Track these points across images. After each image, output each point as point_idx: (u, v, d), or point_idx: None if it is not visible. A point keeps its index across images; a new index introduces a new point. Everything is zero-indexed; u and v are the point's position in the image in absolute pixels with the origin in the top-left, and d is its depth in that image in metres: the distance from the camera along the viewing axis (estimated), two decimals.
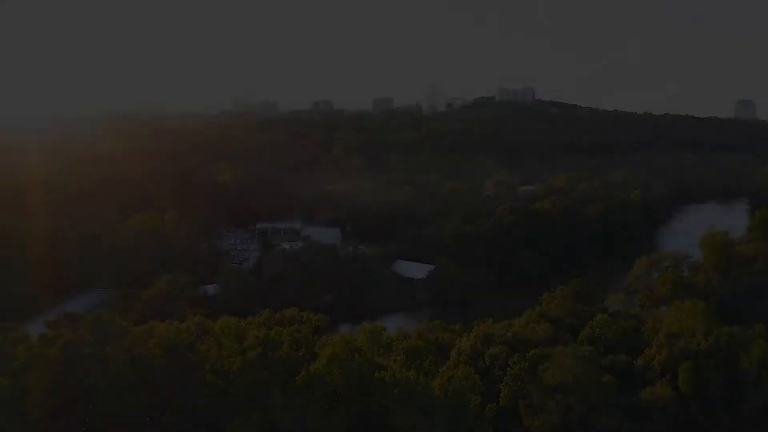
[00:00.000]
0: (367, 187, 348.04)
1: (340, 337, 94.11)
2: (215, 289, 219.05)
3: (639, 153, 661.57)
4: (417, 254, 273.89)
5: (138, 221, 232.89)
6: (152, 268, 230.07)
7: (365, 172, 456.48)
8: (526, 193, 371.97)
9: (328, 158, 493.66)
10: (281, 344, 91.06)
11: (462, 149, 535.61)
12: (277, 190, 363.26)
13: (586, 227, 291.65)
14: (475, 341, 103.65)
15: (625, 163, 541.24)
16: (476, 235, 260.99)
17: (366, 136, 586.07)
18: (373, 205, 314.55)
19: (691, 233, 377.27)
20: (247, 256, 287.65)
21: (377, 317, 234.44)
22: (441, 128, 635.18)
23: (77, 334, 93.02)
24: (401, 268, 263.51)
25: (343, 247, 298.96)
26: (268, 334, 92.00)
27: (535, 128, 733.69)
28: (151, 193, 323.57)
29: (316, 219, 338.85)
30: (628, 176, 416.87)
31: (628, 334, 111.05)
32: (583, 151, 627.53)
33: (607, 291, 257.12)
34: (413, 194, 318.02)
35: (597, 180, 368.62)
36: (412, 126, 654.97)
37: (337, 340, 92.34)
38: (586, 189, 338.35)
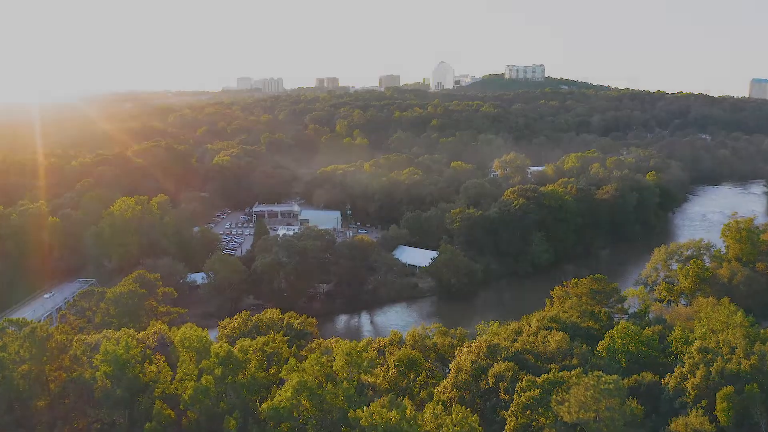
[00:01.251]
0: (370, 168, 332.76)
1: (314, 359, 79.06)
2: (204, 278, 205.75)
3: (652, 132, 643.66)
4: (420, 239, 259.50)
5: (123, 206, 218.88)
6: (138, 255, 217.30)
7: (368, 152, 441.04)
8: (536, 174, 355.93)
9: (331, 137, 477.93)
10: (246, 364, 77.25)
11: (469, 127, 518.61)
12: (276, 170, 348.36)
13: (599, 211, 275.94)
14: (477, 354, 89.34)
15: (638, 143, 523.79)
16: (482, 219, 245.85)
17: (370, 114, 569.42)
18: (374, 187, 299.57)
19: (707, 217, 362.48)
20: (242, 241, 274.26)
21: (377, 308, 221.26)
22: (448, 106, 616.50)
23: (12, 349, 79.31)
24: (403, 254, 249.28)
25: (342, 232, 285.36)
26: (231, 353, 78.11)
27: (544, 106, 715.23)
28: (143, 174, 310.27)
29: (315, 201, 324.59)
30: (643, 157, 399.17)
31: (653, 345, 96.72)
32: (594, 129, 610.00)
33: (623, 280, 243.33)
34: (417, 175, 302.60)
35: (610, 161, 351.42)
36: (418, 103, 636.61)
37: (308, 364, 77.28)
38: (599, 171, 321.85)
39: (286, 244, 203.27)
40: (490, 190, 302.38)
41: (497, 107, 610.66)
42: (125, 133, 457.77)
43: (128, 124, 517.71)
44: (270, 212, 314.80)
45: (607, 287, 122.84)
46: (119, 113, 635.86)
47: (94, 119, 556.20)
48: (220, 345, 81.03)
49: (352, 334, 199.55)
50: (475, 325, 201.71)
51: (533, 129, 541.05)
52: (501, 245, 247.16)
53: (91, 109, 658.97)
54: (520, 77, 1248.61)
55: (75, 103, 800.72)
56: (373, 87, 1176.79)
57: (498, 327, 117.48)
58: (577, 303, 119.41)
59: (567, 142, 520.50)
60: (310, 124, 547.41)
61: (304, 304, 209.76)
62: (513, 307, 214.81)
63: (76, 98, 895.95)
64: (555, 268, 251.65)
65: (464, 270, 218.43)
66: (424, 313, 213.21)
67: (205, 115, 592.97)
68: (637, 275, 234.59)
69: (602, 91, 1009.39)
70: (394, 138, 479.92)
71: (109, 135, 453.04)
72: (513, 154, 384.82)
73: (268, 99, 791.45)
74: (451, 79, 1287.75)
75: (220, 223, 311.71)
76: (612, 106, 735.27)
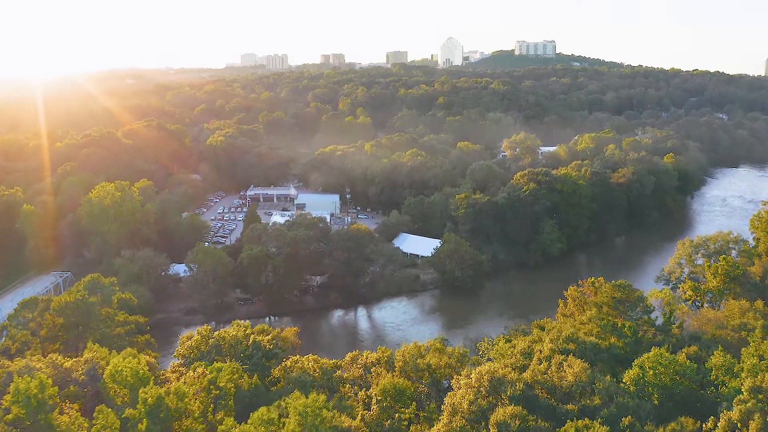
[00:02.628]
0: (371, 149, 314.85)
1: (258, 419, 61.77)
2: (186, 271, 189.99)
3: (667, 111, 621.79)
4: (423, 226, 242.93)
5: (102, 192, 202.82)
6: (118, 246, 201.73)
7: (371, 131, 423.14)
8: (548, 155, 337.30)
9: (332, 115, 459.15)
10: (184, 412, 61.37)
11: (477, 105, 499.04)
12: (273, 151, 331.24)
13: (615, 196, 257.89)
14: (477, 391, 73.04)
15: (653, 122, 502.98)
16: (490, 205, 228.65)
17: (375, 91, 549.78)
18: (375, 170, 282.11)
19: (727, 202, 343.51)
20: (234, 227, 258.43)
21: (375, 302, 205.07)
22: (455, 82, 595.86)
23: None
24: (405, 243, 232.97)
25: (340, 218, 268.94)
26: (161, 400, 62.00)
27: (556, 83, 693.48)
28: (132, 156, 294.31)
29: (313, 184, 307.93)
30: (660, 138, 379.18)
31: (690, 375, 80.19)
32: (607, 108, 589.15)
33: (642, 272, 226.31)
34: (420, 157, 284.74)
35: (627, 142, 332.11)
36: (424, 80, 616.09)
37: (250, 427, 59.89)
38: (614, 152, 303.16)
39: (275, 234, 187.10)
40: (498, 172, 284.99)
41: (507, 84, 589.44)
42: (120, 112, 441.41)
43: (126, 101, 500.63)
44: (265, 196, 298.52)
45: (631, 295, 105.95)
46: (119, 90, 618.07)
47: (92, 96, 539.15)
48: (150, 388, 64.73)
49: (347, 331, 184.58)
50: (480, 322, 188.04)
51: (544, 107, 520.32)
52: (509, 233, 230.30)
53: (91, 86, 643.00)
54: (531, 53, 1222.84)
55: (76, 79, 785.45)
56: (380, 63, 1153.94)
57: (504, 344, 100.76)
58: (597, 315, 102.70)
59: (579, 121, 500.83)
60: (312, 101, 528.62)
61: (295, 298, 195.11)
62: (522, 302, 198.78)
63: (78, 74, 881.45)
64: (567, 258, 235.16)
65: (469, 261, 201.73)
66: (426, 308, 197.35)
67: (204, 93, 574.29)
68: (659, 270, 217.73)
69: (615, 68, 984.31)
70: (399, 117, 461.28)
71: (103, 113, 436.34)
72: (523, 133, 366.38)
73: (271, 76, 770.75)
74: (460, 56, 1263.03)
75: (213, 207, 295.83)
76: (625, 84, 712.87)
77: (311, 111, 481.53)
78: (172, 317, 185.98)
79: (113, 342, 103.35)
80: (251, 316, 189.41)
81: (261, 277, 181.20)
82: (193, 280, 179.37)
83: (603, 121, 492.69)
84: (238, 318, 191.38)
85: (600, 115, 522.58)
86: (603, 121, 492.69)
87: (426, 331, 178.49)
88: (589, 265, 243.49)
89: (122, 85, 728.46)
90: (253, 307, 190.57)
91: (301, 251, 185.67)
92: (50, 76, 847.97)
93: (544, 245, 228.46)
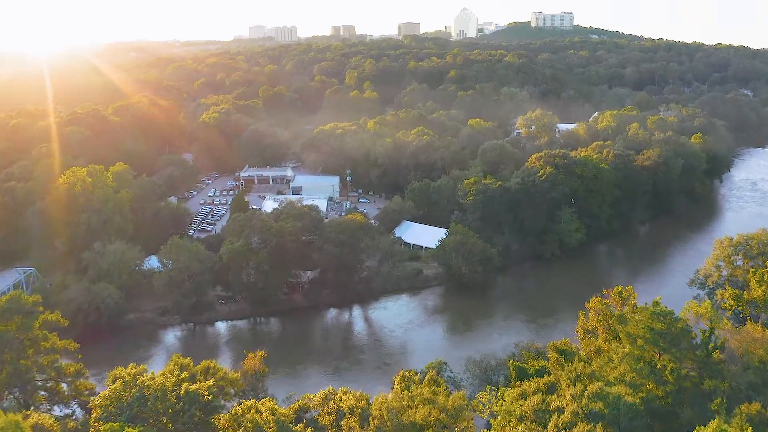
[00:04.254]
0: (374, 127, 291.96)
1: None
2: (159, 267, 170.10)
3: (689, 87, 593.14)
4: (428, 213, 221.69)
5: (71, 178, 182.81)
6: (88, 238, 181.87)
7: (378, 106, 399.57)
8: (566, 134, 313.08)
9: (337, 89, 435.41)
10: None
11: (491, 79, 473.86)
12: (271, 128, 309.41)
13: (639, 180, 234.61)
14: None
15: (676, 98, 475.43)
16: (502, 192, 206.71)
17: (383, 64, 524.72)
18: (378, 150, 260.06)
19: (757, 186, 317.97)
20: (224, 213, 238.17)
21: (372, 300, 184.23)
22: (468, 55, 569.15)
23: None
24: (408, 232, 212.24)
25: (338, 203, 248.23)
26: None
27: (573, 56, 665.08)
28: (117, 136, 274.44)
29: (312, 165, 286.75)
30: (686, 116, 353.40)
31: None
32: (627, 82, 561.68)
33: (669, 268, 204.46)
34: (426, 136, 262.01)
35: (652, 120, 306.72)
36: (436, 53, 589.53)
37: None
38: (638, 132, 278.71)
39: (259, 225, 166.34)
40: (512, 153, 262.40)
41: (522, 57, 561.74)
42: (116, 86, 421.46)
43: (124, 75, 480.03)
44: (260, 177, 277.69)
45: (673, 326, 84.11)
46: (121, 64, 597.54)
47: (89, 71, 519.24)
48: None
49: (340, 334, 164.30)
50: (488, 328, 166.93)
51: (561, 81, 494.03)
52: (523, 222, 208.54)
53: (93, 60, 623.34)
54: (547, 25, 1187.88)
55: (81, 52, 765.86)
56: (392, 35, 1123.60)
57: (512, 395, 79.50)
58: (631, 353, 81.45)
59: (598, 96, 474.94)
60: (318, 75, 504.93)
61: (283, 296, 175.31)
62: (536, 302, 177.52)
63: (82, 48, 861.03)
64: (586, 249, 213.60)
65: (478, 256, 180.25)
66: (429, 308, 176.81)
67: (206, 66, 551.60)
68: (688, 265, 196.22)
69: (635, 41, 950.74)
70: (407, 91, 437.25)
71: (96, 88, 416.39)
72: (539, 110, 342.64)
73: (277, 48, 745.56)
74: (474, 27, 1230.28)
75: (204, 189, 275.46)
76: (646, 58, 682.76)
77: (315, 85, 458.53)
78: (145, 318, 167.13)
79: (28, 378, 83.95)
80: (233, 317, 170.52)
81: (242, 274, 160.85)
82: (166, 277, 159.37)
83: (623, 96, 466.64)
84: (219, 319, 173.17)
85: (620, 91, 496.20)
86: (623, 96, 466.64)
87: (427, 336, 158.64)
88: (610, 258, 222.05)
89: (125, 58, 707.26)
90: (236, 307, 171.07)
91: (288, 245, 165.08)
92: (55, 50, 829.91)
93: (562, 236, 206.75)
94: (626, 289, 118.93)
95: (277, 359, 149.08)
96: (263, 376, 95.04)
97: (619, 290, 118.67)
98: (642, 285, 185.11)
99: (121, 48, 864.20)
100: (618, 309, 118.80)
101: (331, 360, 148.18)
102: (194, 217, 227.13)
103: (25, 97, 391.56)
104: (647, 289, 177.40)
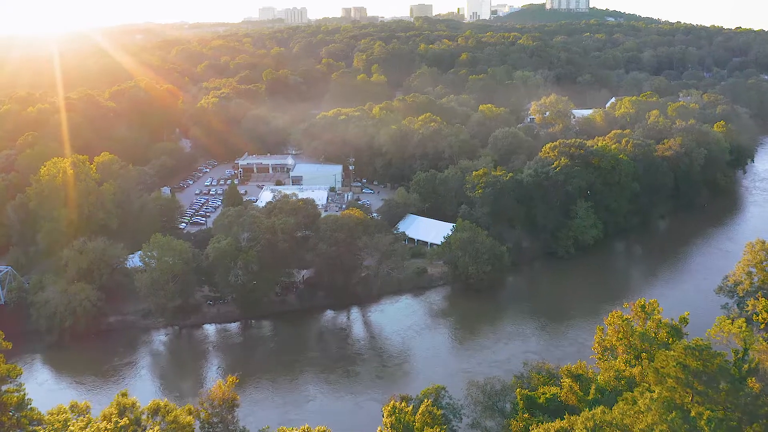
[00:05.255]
0: (380, 113, 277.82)
1: None
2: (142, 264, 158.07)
3: (709, 72, 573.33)
4: (435, 206, 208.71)
5: (53, 170, 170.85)
6: (71, 233, 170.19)
7: (386, 91, 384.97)
8: (582, 120, 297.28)
9: (343, 73, 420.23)
10: None
11: (504, 63, 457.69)
12: (272, 114, 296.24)
13: (659, 172, 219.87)
14: None
15: (696, 84, 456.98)
16: (513, 185, 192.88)
17: (393, 47, 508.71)
18: (383, 138, 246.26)
19: None
20: (219, 204, 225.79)
21: (372, 302, 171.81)
22: (480, 37, 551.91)
23: None
24: (412, 227, 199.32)
25: (340, 194, 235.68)
26: None
27: (589, 39, 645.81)
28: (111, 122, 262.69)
29: (315, 152, 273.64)
30: (707, 103, 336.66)
31: None
32: (645, 67, 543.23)
33: (691, 270, 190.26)
34: (434, 123, 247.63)
35: (673, 107, 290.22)
36: (447, 35, 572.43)
37: None
38: (658, 119, 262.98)
39: (249, 221, 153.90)
40: (524, 141, 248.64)
41: (536, 40, 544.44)
42: (117, 70, 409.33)
43: (129, 58, 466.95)
44: (260, 166, 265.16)
45: (710, 363, 70.37)
46: (127, 46, 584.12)
47: (97, 53, 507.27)
48: None
49: (337, 340, 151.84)
50: (496, 336, 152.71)
51: (577, 65, 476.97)
52: (536, 217, 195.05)
53: (103, 41, 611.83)
54: (563, 7, 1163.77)
55: (89, 34, 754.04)
56: (404, 17, 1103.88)
57: None
58: (660, 397, 68.35)
59: (615, 81, 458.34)
60: (325, 58, 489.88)
61: (276, 297, 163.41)
62: (549, 305, 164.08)
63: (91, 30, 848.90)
64: (603, 246, 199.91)
65: (486, 255, 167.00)
66: (433, 311, 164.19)
67: (211, 48, 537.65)
68: (710, 266, 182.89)
69: (652, 24, 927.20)
70: (416, 75, 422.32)
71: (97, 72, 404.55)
72: (554, 95, 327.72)
73: (285, 30, 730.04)
74: (488, 9, 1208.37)
75: (201, 178, 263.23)
76: (664, 41, 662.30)
77: (322, 68, 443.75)
78: (127, 321, 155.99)
79: None
80: (222, 320, 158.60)
81: (229, 275, 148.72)
82: (147, 278, 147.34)
83: (641, 81, 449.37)
84: (206, 322, 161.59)
85: (638, 75, 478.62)
86: (641, 81, 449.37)
87: (428, 343, 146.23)
88: (627, 257, 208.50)
89: (131, 40, 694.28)
90: (225, 309, 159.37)
91: (280, 243, 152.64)
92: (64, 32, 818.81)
93: (577, 232, 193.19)
94: (650, 302, 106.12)
95: (266, 368, 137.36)
96: (234, 406, 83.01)
97: (642, 303, 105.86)
98: (662, 289, 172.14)
99: (128, 30, 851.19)
100: (640, 324, 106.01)
101: (324, 369, 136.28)
102: (186, 209, 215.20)
103: (34, 80, 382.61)
104: (668, 293, 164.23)
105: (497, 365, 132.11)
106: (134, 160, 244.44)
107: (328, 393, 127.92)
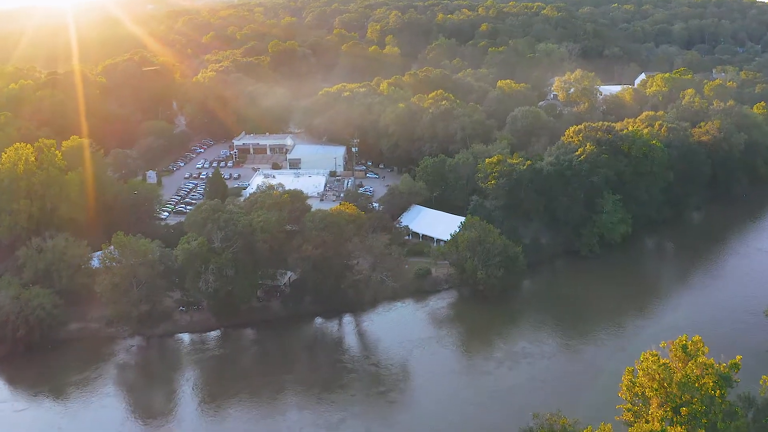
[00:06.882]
0: (388, 89, 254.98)
1: None
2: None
3: (743, 47, 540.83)
4: (444, 196, 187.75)
5: (14, 157, 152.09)
6: (31, 228, 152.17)
7: (400, 64, 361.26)
8: (609, 99, 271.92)
9: (354, 44, 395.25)
10: None
11: (526, 35, 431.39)
12: (272, 89, 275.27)
13: (697, 160, 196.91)
14: None
15: (730, 59, 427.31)
16: (531, 175, 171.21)
17: (409, 17, 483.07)
18: (389, 117, 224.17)
19: None
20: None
21: (367, 308, 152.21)
22: (502, 7, 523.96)
23: None
24: (416, 219, 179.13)
25: (339, 179, 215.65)
26: None
27: (617, 10, 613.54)
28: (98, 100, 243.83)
29: (317, 132, 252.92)
30: (745, 81, 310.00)
31: None
32: (675, 40, 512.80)
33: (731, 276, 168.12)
34: (445, 102, 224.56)
35: (710, 86, 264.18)
36: (467, 4, 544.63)
37: None
38: (693, 99, 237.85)
39: (224, 218, 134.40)
40: (546, 121, 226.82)
41: (561, 10, 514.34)
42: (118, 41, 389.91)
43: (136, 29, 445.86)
44: (256, 147, 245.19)
45: None
46: (136, 16, 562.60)
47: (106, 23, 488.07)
48: None
49: (326, 354, 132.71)
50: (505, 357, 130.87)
51: (604, 38, 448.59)
52: (556, 211, 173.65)
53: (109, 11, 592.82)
54: None
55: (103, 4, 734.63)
56: None
57: None
58: None
59: (644, 55, 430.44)
60: (337, 28, 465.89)
61: (258, 303, 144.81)
62: (569, 317, 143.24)
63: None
64: (631, 243, 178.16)
65: (498, 257, 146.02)
66: (435, 320, 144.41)
67: (218, 18, 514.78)
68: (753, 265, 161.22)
69: None
70: (433, 46, 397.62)
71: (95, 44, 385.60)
72: (579, 71, 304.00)
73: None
74: None
75: (194, 160, 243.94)
76: (696, 14, 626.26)
77: (333, 39, 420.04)
78: (89, 329, 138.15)
79: None
80: (196, 329, 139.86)
81: (200, 280, 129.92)
82: (108, 283, 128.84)
83: (672, 55, 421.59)
84: (178, 331, 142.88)
85: (668, 49, 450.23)
86: (672, 55, 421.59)
87: (429, 359, 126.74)
88: (659, 257, 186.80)
89: (142, 10, 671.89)
90: (199, 316, 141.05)
91: (258, 245, 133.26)
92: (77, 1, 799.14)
93: (603, 228, 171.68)
94: (693, 340, 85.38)
95: (243, 387, 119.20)
96: None
97: (684, 343, 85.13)
98: (698, 298, 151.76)
99: None
100: (680, 369, 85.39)
101: (312, 387, 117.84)
102: (172, 197, 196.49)
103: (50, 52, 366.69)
104: (704, 309, 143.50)
105: (500, 398, 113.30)
106: (122, 142, 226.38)
107: (316, 417, 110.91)
